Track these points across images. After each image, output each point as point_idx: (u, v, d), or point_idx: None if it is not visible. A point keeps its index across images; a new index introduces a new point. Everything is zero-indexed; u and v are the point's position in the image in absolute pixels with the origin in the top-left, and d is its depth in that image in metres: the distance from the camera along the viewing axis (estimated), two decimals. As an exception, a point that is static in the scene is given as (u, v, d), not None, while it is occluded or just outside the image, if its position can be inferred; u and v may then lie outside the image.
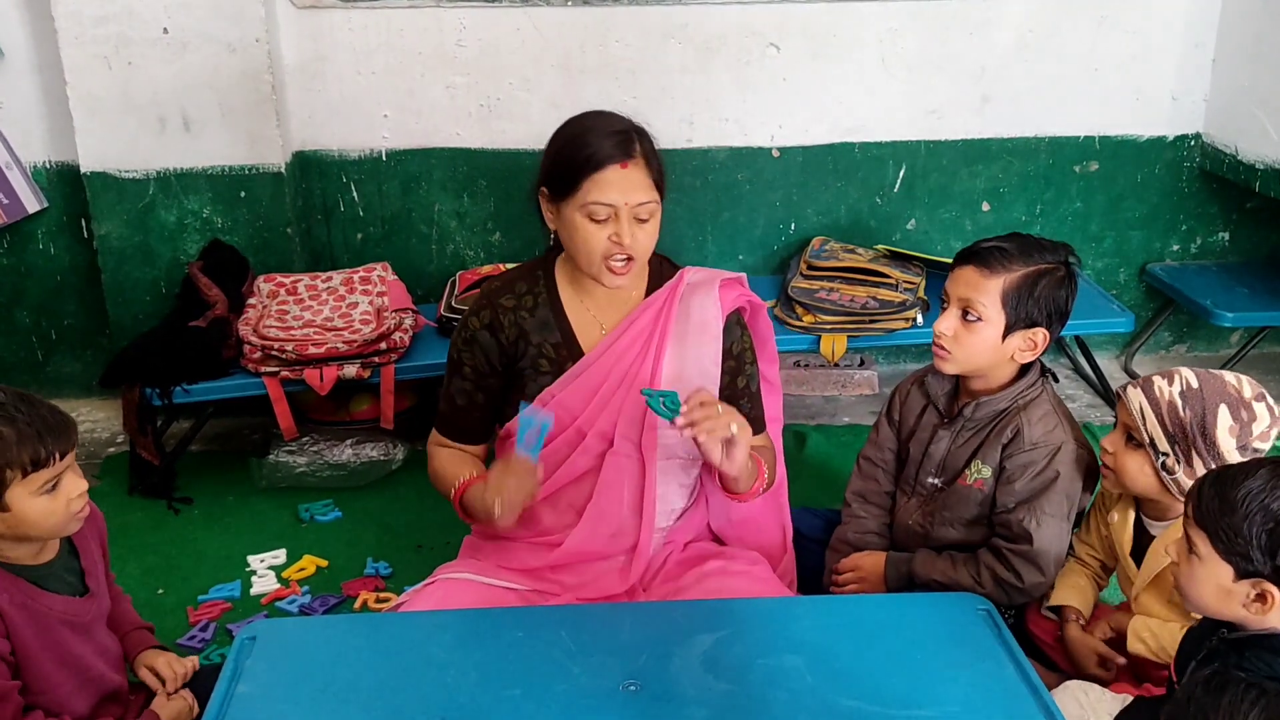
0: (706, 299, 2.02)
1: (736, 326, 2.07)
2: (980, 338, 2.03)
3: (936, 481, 2.17)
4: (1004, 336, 2.03)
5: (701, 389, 1.90)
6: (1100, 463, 2.02)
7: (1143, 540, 1.99)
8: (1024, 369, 2.10)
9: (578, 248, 1.94)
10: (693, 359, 2.00)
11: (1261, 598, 1.46)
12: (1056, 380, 2.19)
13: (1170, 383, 1.88)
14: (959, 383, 2.17)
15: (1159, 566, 1.90)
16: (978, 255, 2.04)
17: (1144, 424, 1.88)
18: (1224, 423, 1.84)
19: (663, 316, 2.02)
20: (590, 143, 1.90)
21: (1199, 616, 1.73)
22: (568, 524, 2.07)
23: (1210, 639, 1.55)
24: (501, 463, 1.93)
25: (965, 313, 2.04)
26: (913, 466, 2.21)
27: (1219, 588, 1.49)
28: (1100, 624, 2.04)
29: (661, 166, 1.98)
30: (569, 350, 2.02)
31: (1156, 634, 1.89)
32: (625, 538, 2.06)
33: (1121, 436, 1.95)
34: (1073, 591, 2.10)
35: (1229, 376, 1.89)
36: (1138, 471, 1.92)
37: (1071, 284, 2.05)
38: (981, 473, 2.09)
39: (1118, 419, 1.97)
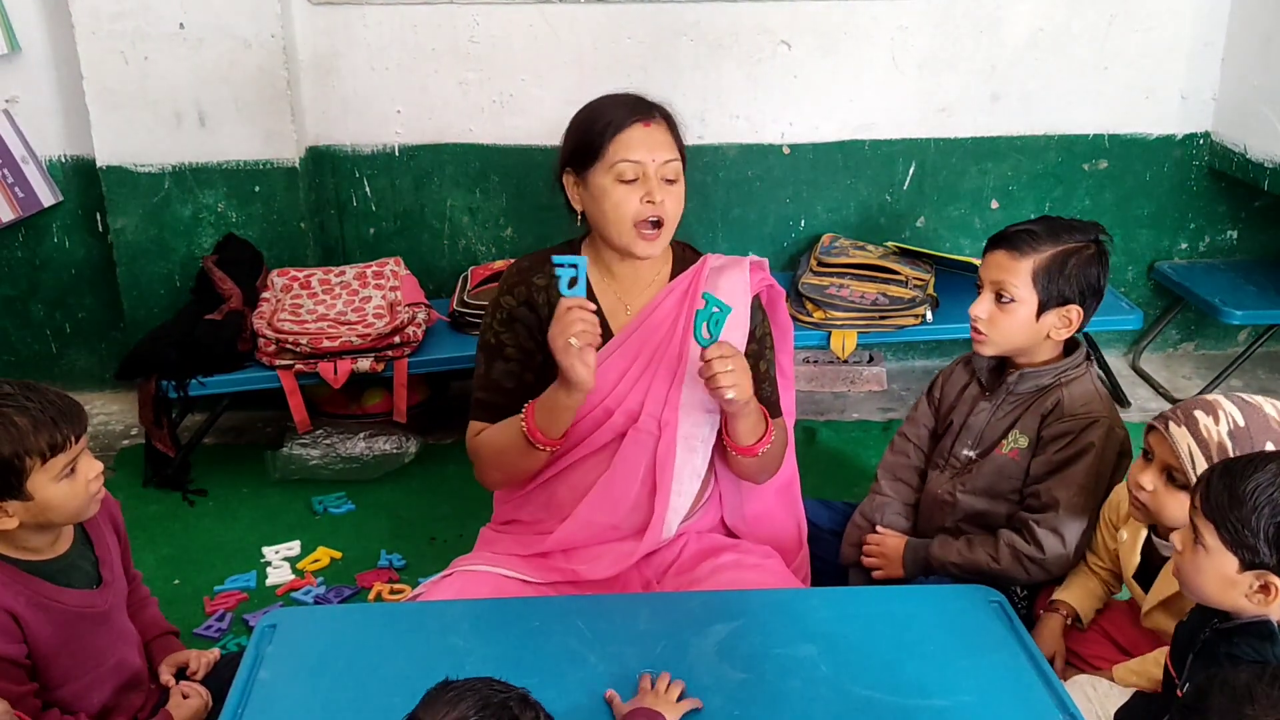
0: (736, 281, 2.04)
1: (759, 310, 2.09)
2: (1015, 318, 2.08)
3: (971, 454, 2.20)
4: (1038, 315, 2.08)
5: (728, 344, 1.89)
6: (1130, 496, 1.92)
7: (1152, 559, 1.95)
8: (1068, 347, 2.15)
9: (608, 216, 1.94)
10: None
11: (1265, 589, 1.48)
12: (1104, 367, 2.20)
13: (1215, 420, 1.79)
14: (1004, 358, 2.20)
15: (1170, 589, 1.87)
16: (1007, 239, 2.10)
17: (1193, 467, 1.77)
18: None
19: (688, 299, 2.02)
20: (609, 110, 1.95)
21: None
22: (579, 499, 2.07)
23: (1203, 630, 1.57)
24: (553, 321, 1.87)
25: (999, 295, 2.09)
26: (949, 439, 2.25)
27: (1223, 578, 1.50)
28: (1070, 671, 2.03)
29: (682, 138, 2.01)
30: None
31: (1138, 670, 1.88)
32: (638, 514, 2.06)
33: (1161, 475, 1.83)
34: (1078, 592, 2.10)
35: (1268, 407, 1.81)
36: (1180, 510, 1.78)
37: (1103, 261, 2.09)
38: (1018, 442, 2.13)
39: (1152, 453, 1.86)
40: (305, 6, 3.30)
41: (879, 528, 2.28)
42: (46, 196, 3.39)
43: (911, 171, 3.64)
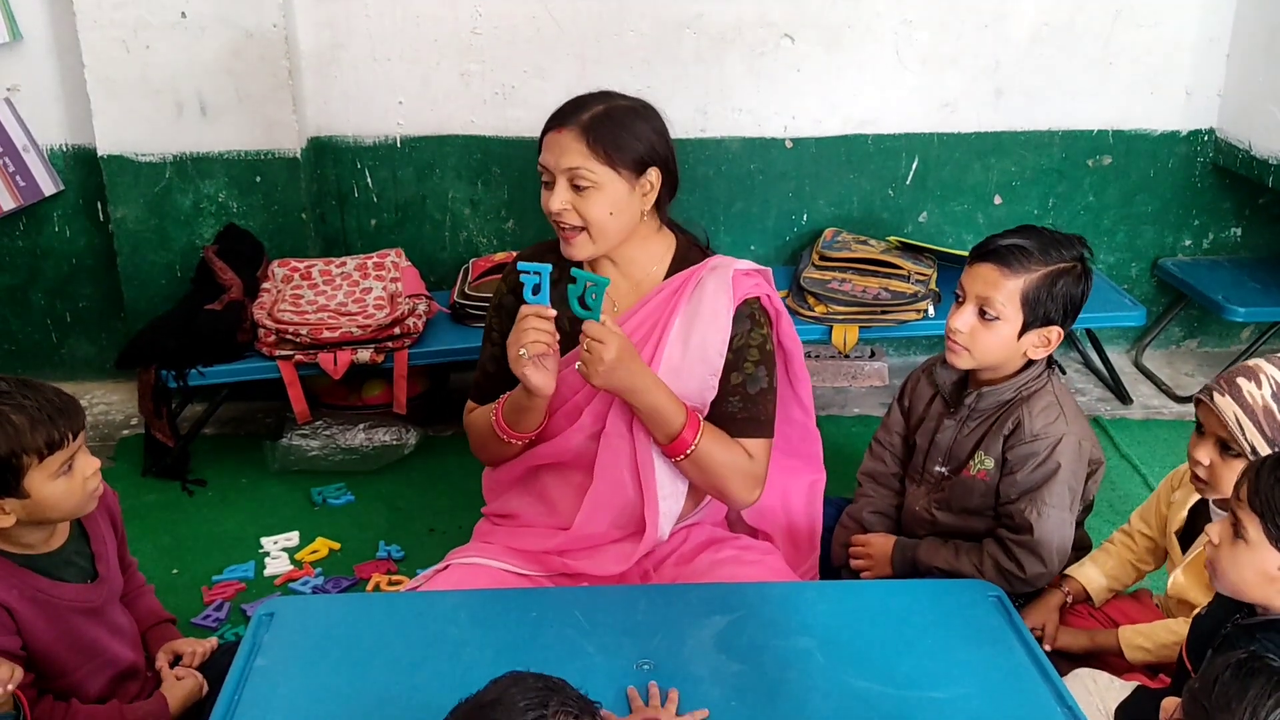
0: (720, 286, 1.99)
1: (747, 320, 2.00)
2: (997, 336, 2.03)
3: (943, 470, 2.17)
4: (1020, 335, 2.03)
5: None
6: (1192, 474, 1.91)
7: (1197, 522, 1.95)
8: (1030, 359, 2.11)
9: None
10: (696, 346, 1.97)
11: None
12: (1064, 373, 2.18)
13: (1258, 384, 1.79)
14: (966, 372, 2.16)
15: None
16: (997, 254, 2.01)
17: (1243, 434, 1.78)
18: None
19: (675, 299, 2.00)
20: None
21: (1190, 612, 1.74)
22: (571, 502, 2.07)
23: (1225, 625, 1.55)
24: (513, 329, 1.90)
25: (982, 311, 2.02)
26: (920, 455, 2.22)
27: (1262, 573, 1.47)
28: (1081, 637, 2.03)
29: (628, 144, 1.96)
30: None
31: (1149, 635, 1.88)
32: (630, 521, 2.05)
33: (1215, 448, 1.83)
34: (1093, 571, 2.10)
35: None
36: None
37: (1087, 280, 2.04)
38: (985, 464, 2.09)
39: (1203, 427, 1.86)
40: (307, -3, 3.29)
41: (864, 522, 2.27)
42: (47, 185, 3.39)
43: (914, 166, 3.64)
